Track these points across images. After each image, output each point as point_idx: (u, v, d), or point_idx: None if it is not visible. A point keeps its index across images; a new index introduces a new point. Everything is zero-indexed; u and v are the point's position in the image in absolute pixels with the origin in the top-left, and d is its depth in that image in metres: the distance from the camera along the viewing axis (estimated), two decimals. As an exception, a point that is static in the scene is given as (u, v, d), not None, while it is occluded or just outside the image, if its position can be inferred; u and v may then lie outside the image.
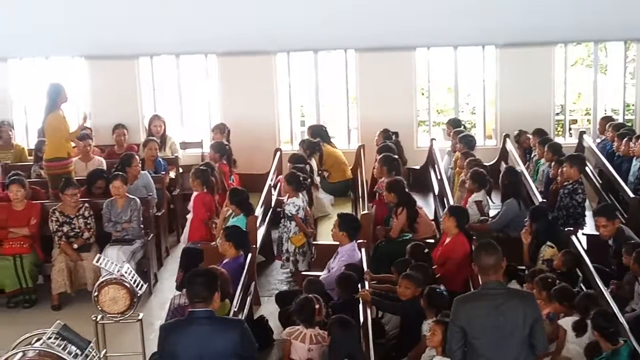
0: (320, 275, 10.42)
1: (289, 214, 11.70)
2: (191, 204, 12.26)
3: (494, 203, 12.62)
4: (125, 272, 9.32)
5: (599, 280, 9.29)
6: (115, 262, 10.08)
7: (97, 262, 9.68)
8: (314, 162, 13.87)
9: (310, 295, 8.79)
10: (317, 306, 8.64)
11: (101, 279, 9.44)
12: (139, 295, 9.35)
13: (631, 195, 11.89)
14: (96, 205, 12.08)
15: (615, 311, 8.39)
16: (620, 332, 7.92)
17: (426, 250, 10.45)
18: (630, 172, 12.71)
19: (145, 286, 9.69)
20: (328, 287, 9.92)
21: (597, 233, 10.85)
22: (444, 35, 1.79)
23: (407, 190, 11.94)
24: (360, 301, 9.20)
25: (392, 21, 1.82)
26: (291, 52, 15.79)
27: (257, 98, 15.96)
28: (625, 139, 13.34)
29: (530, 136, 14.53)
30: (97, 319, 9.29)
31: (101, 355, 8.71)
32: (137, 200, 12.02)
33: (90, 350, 8.20)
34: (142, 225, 12.05)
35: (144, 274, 11.31)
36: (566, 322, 8.40)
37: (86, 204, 11.96)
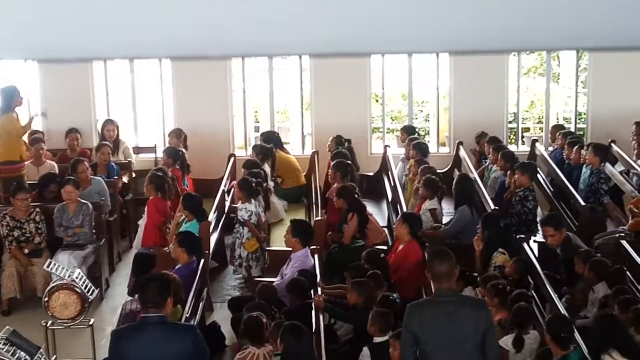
0: (273, 282, 10.41)
1: (242, 220, 11.68)
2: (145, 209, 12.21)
3: (446, 210, 12.67)
4: (77, 278, 9.26)
5: (549, 287, 9.37)
6: (66, 267, 10.01)
7: (48, 267, 9.61)
8: (267, 168, 13.85)
9: (254, 313, 8.73)
10: (264, 321, 8.60)
11: (52, 284, 9.38)
12: (90, 300, 9.30)
13: (582, 202, 12.00)
14: (47, 209, 11.96)
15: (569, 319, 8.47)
16: (572, 339, 7.99)
17: (382, 255, 10.49)
18: (580, 179, 12.83)
19: (96, 291, 9.63)
20: (281, 293, 9.91)
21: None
22: (398, 42, 1.79)
23: (356, 196, 11.96)
24: (313, 307, 9.19)
25: (346, 27, 1.82)
26: (245, 58, 15.78)
27: (211, 103, 15.91)
28: (576, 147, 13.47)
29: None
30: (48, 325, 9.23)
31: (51, 361, 8.64)
32: (89, 205, 11.92)
33: (40, 356, 8.14)
34: (93, 230, 11.95)
35: (95, 279, 11.21)
36: (505, 342, 8.44)
37: (37, 209, 11.84)
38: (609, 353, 7.79)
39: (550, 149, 15.43)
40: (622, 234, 11.10)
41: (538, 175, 13.36)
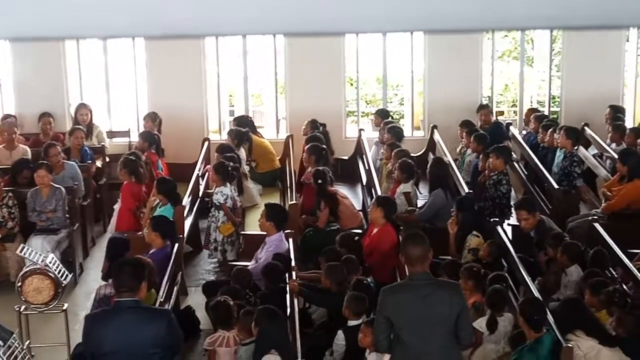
0: (248, 265, 10.41)
1: (217, 203, 11.66)
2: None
3: (421, 194, 12.69)
4: (50, 262, 9.21)
5: (523, 270, 9.41)
6: (39, 252, 9.97)
7: (21, 252, 9.55)
8: (242, 152, 13.82)
9: (221, 298, 8.78)
10: (231, 304, 8.64)
11: (25, 269, 9.33)
12: (63, 285, 9.25)
13: (555, 185, 12.05)
14: (20, 194, 11.91)
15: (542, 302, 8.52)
16: (544, 321, 8.03)
17: (356, 238, 10.50)
18: (554, 163, 12.87)
19: (70, 276, 9.59)
20: (255, 277, 9.91)
21: (521, 224, 11.04)
22: (373, 20, 1.77)
23: (326, 181, 11.95)
24: (288, 291, 9.19)
25: (320, 5, 1.80)
26: (220, 39, 15.72)
27: (185, 87, 15.85)
28: (550, 130, 13.51)
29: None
30: (21, 310, 9.18)
31: (24, 346, 8.61)
32: (62, 189, 11.87)
33: (13, 341, 8.11)
34: (67, 215, 11.90)
35: (69, 264, 11.15)
36: (479, 324, 8.48)
37: (10, 193, 11.77)
38: (573, 332, 7.87)
39: (524, 132, 15.48)
40: (595, 217, 11.15)
41: (512, 159, 13.39)
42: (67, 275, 9.39)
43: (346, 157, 15.03)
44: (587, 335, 7.90)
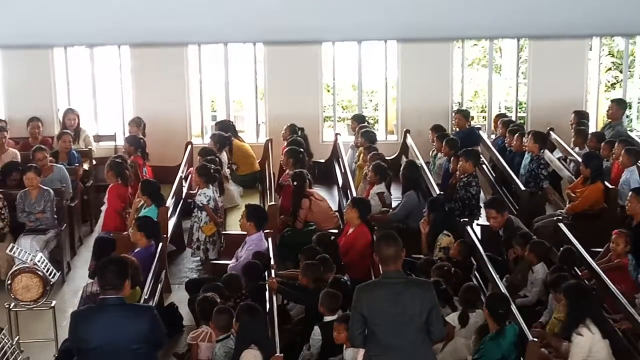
0: (228, 264, 10.40)
1: (200, 204, 11.64)
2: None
3: (394, 195, 12.70)
4: (39, 261, 9.18)
5: (491, 268, 9.45)
6: (28, 251, 9.95)
7: (11, 251, 9.52)
8: (224, 156, 13.81)
9: (208, 294, 8.78)
10: (218, 301, 8.65)
11: (14, 268, 9.30)
12: (51, 283, 9.23)
13: (522, 187, 12.09)
14: (10, 195, 11.85)
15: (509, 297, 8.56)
16: (509, 315, 8.09)
17: (333, 237, 10.52)
18: (521, 165, 12.91)
19: (58, 274, 9.56)
20: (236, 275, 9.92)
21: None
22: (348, 30, 1.78)
23: (303, 184, 11.95)
24: (267, 288, 9.19)
25: (298, 15, 1.80)
26: (202, 47, 15.70)
27: (169, 92, 15.81)
28: (517, 134, 13.55)
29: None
30: (10, 307, 9.15)
31: (14, 342, 8.57)
32: (51, 191, 11.82)
33: (3, 337, 8.07)
34: (55, 216, 11.85)
35: (57, 263, 11.12)
36: (452, 318, 8.53)
37: (0, 195, 11.70)
38: (584, 323, 7.83)
39: (493, 136, 15.53)
40: (560, 217, 11.21)
41: (481, 162, 13.43)
42: (55, 274, 9.36)
43: (323, 160, 15.02)
44: (595, 324, 7.86)
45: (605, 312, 8.69)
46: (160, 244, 10.46)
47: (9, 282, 9.04)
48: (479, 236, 10.74)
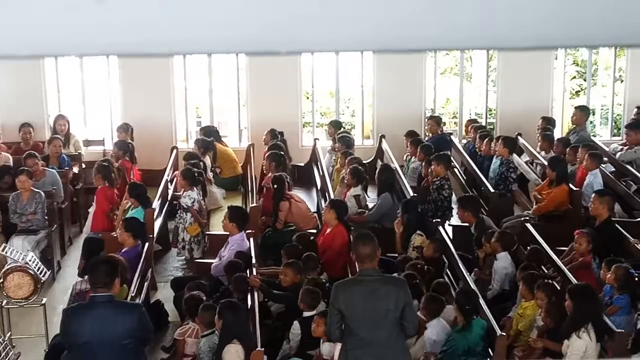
0: (212, 263, 10.40)
1: (185, 206, 11.63)
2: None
3: (369, 197, 12.72)
4: (30, 260, 9.16)
5: (462, 265, 9.50)
6: (20, 251, 9.92)
7: (3, 251, 9.49)
8: (207, 160, 13.81)
9: (195, 293, 8.78)
10: (204, 298, 8.66)
11: (6, 267, 9.26)
12: (42, 281, 9.20)
13: (491, 190, 12.15)
14: (3, 198, 11.87)
15: (477, 293, 8.61)
16: (476, 311, 8.14)
17: (312, 237, 10.54)
18: (490, 169, 12.97)
19: (48, 273, 9.54)
20: (219, 273, 9.93)
21: (462, 224, 11.12)
22: (326, 41, 1.79)
23: (282, 186, 11.94)
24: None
25: (278, 28, 1.81)
26: (187, 57, 15.68)
27: (155, 100, 15.79)
28: (486, 139, 13.61)
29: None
30: (2, 304, 9.12)
31: (6, 338, 8.55)
32: (42, 193, 11.81)
33: (-4, 333, 8.02)
34: (46, 217, 11.81)
35: (47, 262, 11.09)
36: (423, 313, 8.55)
37: (-7, 197, 11.68)
38: (585, 327, 7.74)
39: (464, 141, 15.58)
40: (527, 218, 11.26)
41: (453, 166, 13.48)
42: (45, 272, 9.34)
43: (302, 164, 15.03)
44: (594, 329, 7.75)
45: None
46: (147, 244, 10.46)
47: (1, 280, 9.01)
48: (451, 236, 10.78)
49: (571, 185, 11.86)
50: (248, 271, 9.62)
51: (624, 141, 14.28)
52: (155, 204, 11.88)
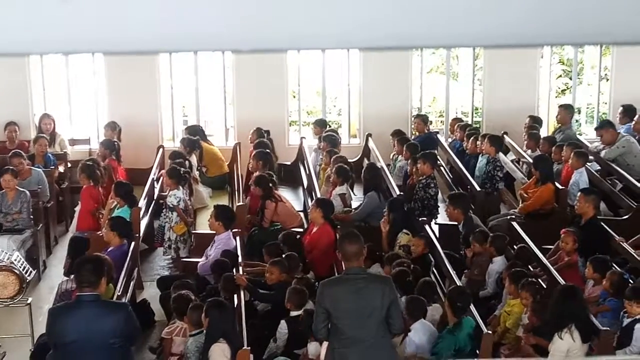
0: (199, 262, 10.39)
1: (171, 205, 11.61)
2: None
3: (356, 195, 12.73)
4: (15, 260, 9.14)
5: (448, 264, 9.52)
6: (5, 250, 9.89)
7: (-12, 250, 9.45)
8: (193, 159, 13.80)
9: (183, 292, 8.77)
10: (192, 298, 8.65)
11: (-8, 266, 9.21)
12: (28, 281, 9.17)
13: (478, 188, 12.17)
14: (-13, 197, 11.77)
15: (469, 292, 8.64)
16: (466, 309, 8.15)
17: (298, 236, 10.54)
18: (477, 167, 12.99)
19: (34, 272, 9.51)
20: (205, 272, 9.91)
21: (448, 223, 11.14)
22: (313, 39, 1.80)
23: (267, 186, 11.94)
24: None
25: (265, 26, 1.81)
26: (173, 55, 15.65)
27: (141, 98, 15.76)
28: (472, 138, 13.63)
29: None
30: (-12, 304, 9.07)
31: (-9, 338, 8.50)
32: (27, 192, 11.77)
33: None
34: (31, 216, 11.78)
35: (33, 261, 11.06)
36: None
37: (-23, 196, 11.63)
38: (568, 328, 7.72)
39: (450, 140, 15.60)
40: (513, 216, 11.29)
41: (439, 164, 13.50)
42: (31, 272, 9.32)
43: (289, 163, 15.04)
44: (578, 330, 7.73)
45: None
46: (133, 243, 10.44)
47: (-13, 280, 8.97)
48: (437, 234, 10.81)
49: (557, 184, 11.90)
50: (234, 270, 9.62)
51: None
52: (142, 202, 11.86)
